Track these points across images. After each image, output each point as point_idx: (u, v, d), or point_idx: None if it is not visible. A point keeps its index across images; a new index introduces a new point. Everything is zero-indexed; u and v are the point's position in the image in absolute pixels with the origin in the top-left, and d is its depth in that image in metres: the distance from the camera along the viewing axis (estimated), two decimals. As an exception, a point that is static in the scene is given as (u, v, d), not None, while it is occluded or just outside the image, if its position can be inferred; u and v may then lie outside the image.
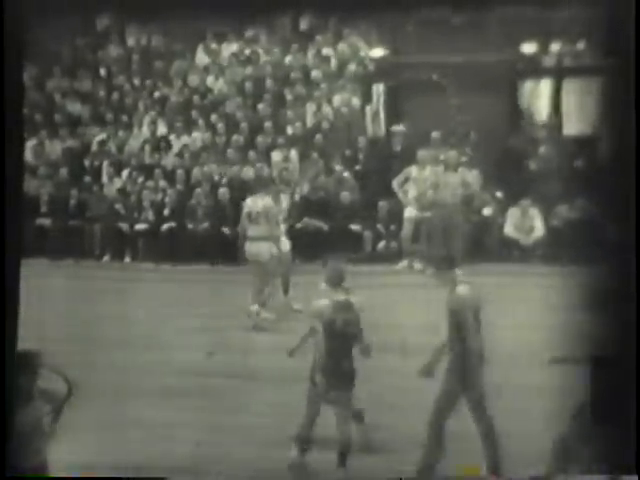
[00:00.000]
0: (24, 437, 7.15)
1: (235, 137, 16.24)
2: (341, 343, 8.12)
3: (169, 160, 16.35)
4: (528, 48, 15.81)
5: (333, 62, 17.08)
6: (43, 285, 11.67)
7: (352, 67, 16.83)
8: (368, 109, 16.46)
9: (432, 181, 14.67)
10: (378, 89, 16.48)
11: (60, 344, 10.89)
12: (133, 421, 9.34)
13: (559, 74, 15.93)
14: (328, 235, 14.70)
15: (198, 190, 15.63)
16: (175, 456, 8.39)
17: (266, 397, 9.57)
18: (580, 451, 7.81)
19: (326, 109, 16.47)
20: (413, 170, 14.96)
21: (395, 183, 15.03)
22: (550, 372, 9.55)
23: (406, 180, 14.98)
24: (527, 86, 16.14)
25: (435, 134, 15.24)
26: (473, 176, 14.94)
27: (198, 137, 16.56)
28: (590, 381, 7.81)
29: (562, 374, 9.16)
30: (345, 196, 15.19)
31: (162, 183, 15.96)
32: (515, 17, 15.43)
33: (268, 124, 16.30)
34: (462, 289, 7.63)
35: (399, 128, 15.90)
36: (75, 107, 17.27)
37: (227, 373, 10.30)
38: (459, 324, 7.53)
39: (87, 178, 16.18)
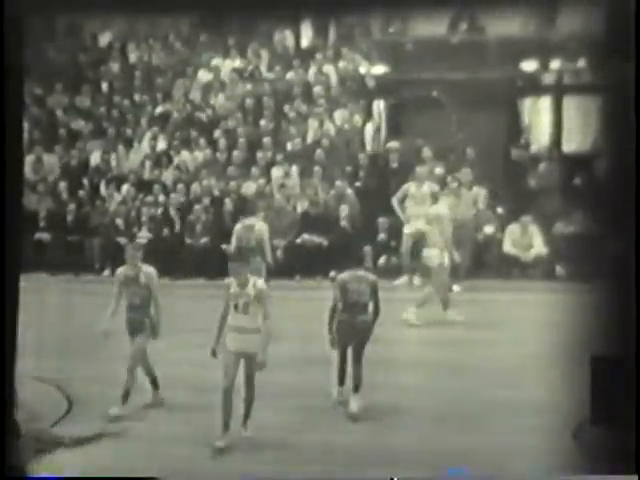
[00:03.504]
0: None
1: (236, 153, 16.27)
2: None
3: (169, 175, 16.37)
4: (528, 66, 15.84)
5: (334, 79, 17.12)
6: (42, 299, 11.66)
7: (353, 84, 16.87)
8: (369, 126, 16.49)
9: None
10: (379, 106, 16.51)
11: (59, 359, 10.90)
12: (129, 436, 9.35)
13: (559, 91, 15.97)
14: (328, 250, 14.69)
15: (197, 206, 15.65)
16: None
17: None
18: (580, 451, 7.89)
19: (328, 125, 16.51)
20: (411, 186, 14.96)
21: (394, 200, 15.02)
22: (552, 388, 9.55)
23: (405, 197, 14.98)
24: (527, 103, 16.17)
25: (435, 150, 15.26)
26: (483, 194, 14.98)
27: (199, 153, 16.59)
28: (590, 381, 7.85)
29: (562, 391, 9.16)
30: (345, 212, 15.20)
31: (161, 198, 15.98)
32: (515, 35, 15.49)
33: (269, 140, 16.32)
34: None
35: (394, 145, 15.92)
36: (77, 123, 17.30)
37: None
38: None
39: (86, 193, 16.20)
